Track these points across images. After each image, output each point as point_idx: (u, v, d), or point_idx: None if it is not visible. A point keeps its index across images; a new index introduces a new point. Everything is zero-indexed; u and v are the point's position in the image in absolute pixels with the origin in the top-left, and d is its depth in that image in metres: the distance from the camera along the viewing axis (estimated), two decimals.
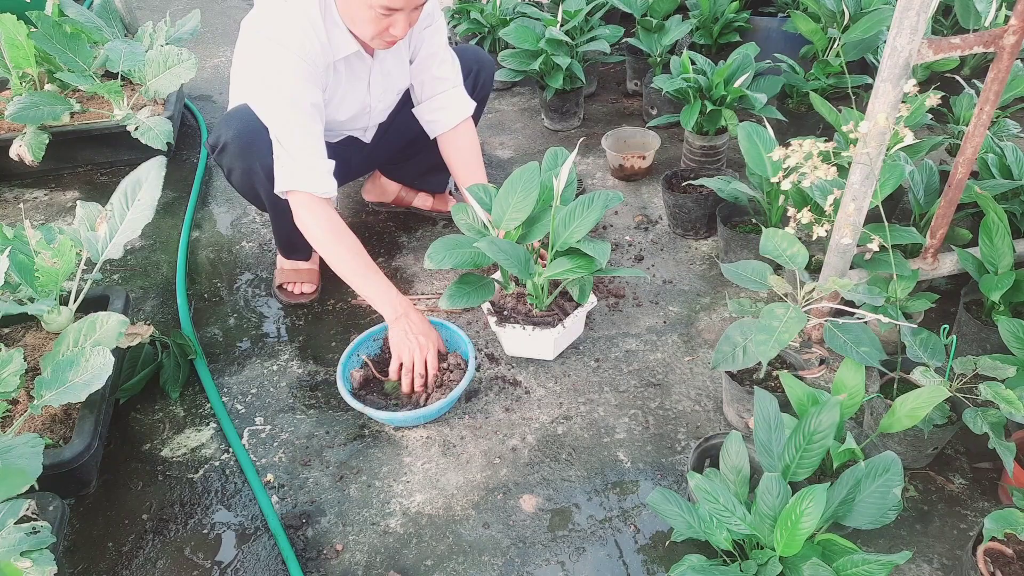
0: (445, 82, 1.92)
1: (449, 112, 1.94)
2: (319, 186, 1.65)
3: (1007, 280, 1.52)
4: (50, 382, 1.41)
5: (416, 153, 2.13)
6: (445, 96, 1.93)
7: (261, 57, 1.60)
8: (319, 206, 1.67)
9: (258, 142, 1.69)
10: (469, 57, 2.04)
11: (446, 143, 1.98)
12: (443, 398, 1.62)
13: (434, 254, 1.58)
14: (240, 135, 1.71)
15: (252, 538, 1.47)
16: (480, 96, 2.09)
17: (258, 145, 1.69)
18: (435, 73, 1.90)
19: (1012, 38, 1.36)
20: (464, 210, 1.72)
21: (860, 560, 1.07)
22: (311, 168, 1.64)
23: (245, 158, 1.73)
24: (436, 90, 1.92)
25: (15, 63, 2.43)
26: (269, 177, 1.70)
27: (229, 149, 1.73)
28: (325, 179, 1.67)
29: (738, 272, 1.49)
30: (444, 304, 1.60)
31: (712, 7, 2.70)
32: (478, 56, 2.08)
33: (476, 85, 2.06)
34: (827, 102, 1.91)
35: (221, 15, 4.12)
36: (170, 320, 2.01)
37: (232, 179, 1.82)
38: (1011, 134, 2.01)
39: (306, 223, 1.68)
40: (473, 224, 1.70)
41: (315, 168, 1.65)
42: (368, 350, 1.78)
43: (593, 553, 1.41)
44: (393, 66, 1.84)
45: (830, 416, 1.20)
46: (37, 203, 2.54)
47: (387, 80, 1.85)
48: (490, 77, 2.11)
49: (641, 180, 2.51)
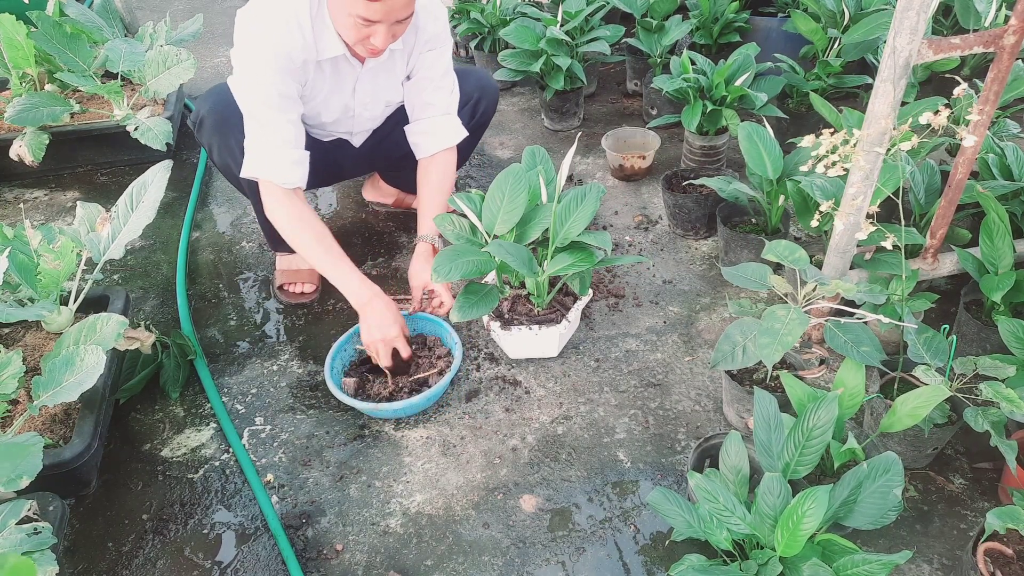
0: (434, 108, 1.87)
1: (431, 138, 1.90)
2: (282, 176, 1.66)
3: (1007, 280, 1.52)
4: (46, 383, 1.41)
5: (411, 165, 2.11)
6: (430, 121, 1.89)
7: (239, 47, 1.62)
8: (284, 195, 1.68)
9: (233, 117, 1.71)
10: (472, 83, 2.00)
11: (421, 168, 1.94)
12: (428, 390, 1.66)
13: (440, 267, 1.56)
14: (214, 109, 1.74)
15: (252, 538, 1.47)
16: (478, 124, 2.05)
17: (234, 120, 1.71)
18: (426, 98, 1.86)
19: (1012, 38, 1.36)
20: (448, 220, 1.71)
21: (860, 560, 1.07)
22: (276, 158, 1.65)
23: (220, 132, 1.75)
24: (424, 114, 1.89)
25: (15, 63, 2.43)
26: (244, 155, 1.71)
27: (206, 124, 1.77)
28: (290, 169, 1.67)
29: (739, 274, 1.49)
30: (455, 318, 1.59)
31: (712, 7, 2.70)
32: (481, 83, 2.04)
33: (476, 112, 2.02)
34: (827, 102, 1.91)
35: (221, 15, 4.12)
36: (170, 320, 2.01)
37: (213, 157, 1.84)
38: (1011, 134, 2.01)
39: (272, 212, 1.71)
40: (460, 232, 1.69)
41: (280, 158, 1.65)
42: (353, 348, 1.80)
43: (593, 553, 1.41)
44: (384, 78, 1.81)
45: (828, 412, 1.20)
46: (37, 203, 2.54)
47: (375, 90, 1.82)
48: (492, 105, 2.07)
49: (641, 180, 2.51)
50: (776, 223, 1.94)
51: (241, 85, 1.65)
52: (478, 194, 1.73)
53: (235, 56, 1.64)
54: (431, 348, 1.81)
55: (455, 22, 3.04)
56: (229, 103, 1.71)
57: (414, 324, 1.84)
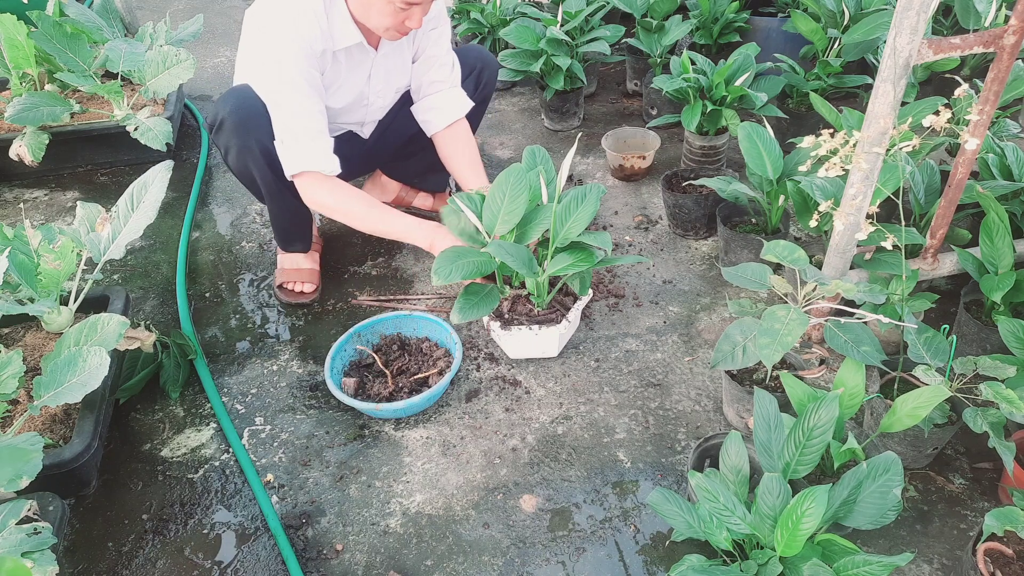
0: (441, 84, 1.94)
1: (442, 112, 1.95)
2: (326, 165, 1.70)
3: (1007, 280, 1.52)
4: (48, 383, 1.41)
5: (416, 152, 2.13)
6: (439, 96, 1.94)
7: (261, 42, 1.62)
8: (327, 181, 1.71)
9: (255, 118, 1.69)
10: (473, 56, 2.05)
11: (441, 143, 1.99)
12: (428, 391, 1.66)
13: (440, 269, 1.55)
14: (236, 110, 1.71)
15: (252, 538, 1.47)
16: (482, 96, 2.09)
17: (256, 121, 1.69)
18: (432, 76, 1.92)
19: (1012, 38, 1.36)
20: (455, 213, 1.72)
21: (861, 561, 1.07)
22: (315, 148, 1.68)
23: (241, 135, 1.72)
24: (431, 91, 1.94)
25: (15, 63, 2.43)
26: (266, 157, 1.72)
27: (226, 126, 1.73)
28: (331, 157, 1.71)
29: (739, 275, 1.49)
30: (456, 319, 1.59)
31: (712, 7, 2.70)
32: (482, 56, 2.08)
33: (479, 84, 2.06)
34: (827, 102, 1.91)
35: (221, 15, 4.12)
36: (170, 320, 2.01)
37: (229, 159, 1.81)
38: (1011, 134, 2.01)
39: (317, 199, 1.73)
40: (465, 228, 1.69)
41: (319, 147, 1.68)
42: (353, 347, 1.80)
43: (593, 553, 1.41)
44: (395, 63, 1.85)
45: (829, 411, 1.20)
46: (37, 203, 2.54)
47: (388, 75, 1.86)
48: (493, 76, 2.12)
49: (641, 180, 2.51)
50: (776, 223, 1.94)
51: (268, 77, 1.65)
52: (478, 194, 1.73)
53: (256, 51, 1.65)
54: (431, 348, 1.81)
55: (455, 22, 3.04)
56: (250, 105, 1.70)
57: (414, 324, 1.84)
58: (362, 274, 2.15)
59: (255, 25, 1.65)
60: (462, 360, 1.76)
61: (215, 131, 1.77)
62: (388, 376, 1.72)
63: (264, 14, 1.62)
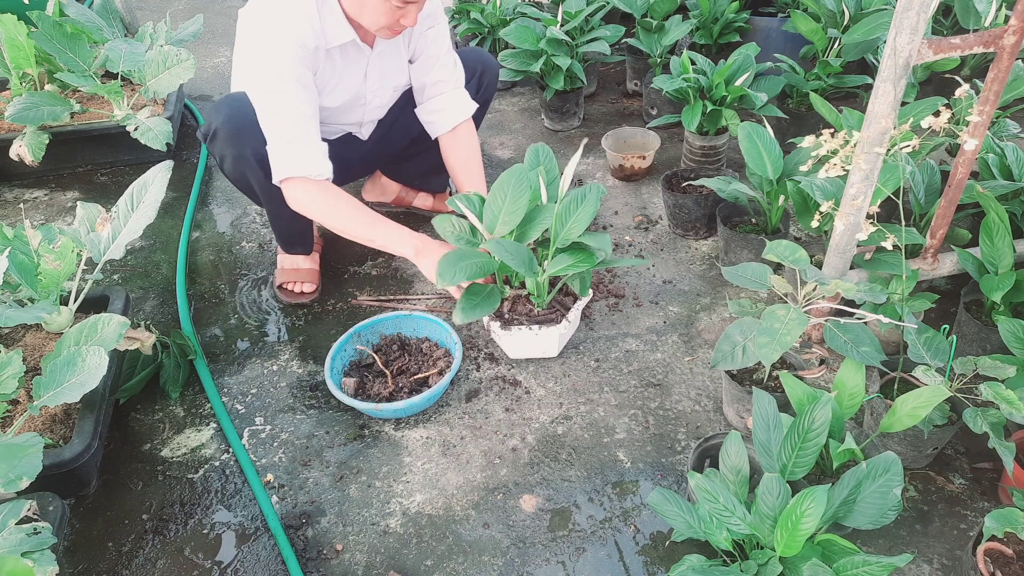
0: (445, 84, 1.92)
1: (447, 114, 1.94)
2: (314, 169, 1.66)
3: (1007, 280, 1.52)
4: (48, 383, 1.41)
5: (417, 153, 2.13)
6: (444, 98, 1.93)
7: (252, 43, 1.61)
8: (316, 187, 1.67)
9: (248, 127, 1.68)
10: (473, 59, 2.04)
11: (445, 145, 1.98)
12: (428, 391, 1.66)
13: (443, 271, 1.55)
14: (229, 119, 1.70)
15: (252, 538, 1.47)
16: (484, 98, 2.09)
17: (249, 130, 1.69)
18: (436, 76, 1.90)
19: (1012, 38, 1.36)
20: (448, 220, 1.71)
21: (861, 561, 1.07)
22: (305, 152, 1.65)
23: (235, 144, 1.72)
24: (436, 92, 1.93)
25: (15, 63, 2.43)
26: (261, 165, 1.71)
27: (219, 135, 1.72)
28: (322, 161, 1.67)
29: (739, 274, 1.49)
30: (459, 319, 1.59)
31: (712, 7, 2.70)
32: (482, 58, 2.08)
33: (480, 87, 2.06)
34: (827, 102, 1.91)
35: (221, 15, 4.12)
36: (170, 320, 2.01)
37: (224, 167, 1.81)
38: (1011, 134, 2.01)
39: (303, 202, 1.69)
40: (461, 233, 1.69)
41: (309, 152, 1.65)
42: (353, 347, 1.80)
43: (593, 553, 1.41)
44: (391, 61, 1.84)
45: (824, 413, 1.20)
46: (37, 203, 2.54)
47: (385, 74, 1.85)
48: (494, 79, 2.12)
49: (641, 180, 2.51)
50: (776, 223, 1.94)
51: (259, 80, 1.63)
52: (478, 195, 1.73)
53: (248, 51, 1.63)
54: (431, 348, 1.81)
55: (455, 22, 3.04)
56: (244, 114, 1.69)
57: (414, 324, 1.84)
58: (362, 274, 2.15)
59: (247, 25, 1.64)
60: (462, 360, 1.76)
61: (210, 140, 1.76)
62: (388, 376, 1.72)
63: (255, 14, 1.61)
